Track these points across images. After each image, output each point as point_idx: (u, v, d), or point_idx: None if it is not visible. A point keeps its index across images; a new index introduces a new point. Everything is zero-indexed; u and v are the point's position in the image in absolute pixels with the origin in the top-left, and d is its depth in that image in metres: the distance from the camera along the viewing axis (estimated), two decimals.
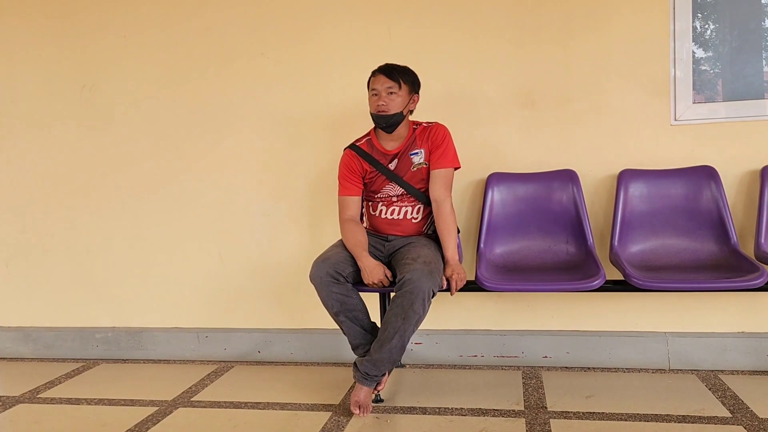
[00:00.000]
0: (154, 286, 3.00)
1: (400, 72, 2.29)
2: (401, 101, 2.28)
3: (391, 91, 2.26)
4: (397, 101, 2.27)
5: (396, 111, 2.28)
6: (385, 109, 2.27)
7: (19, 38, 3.04)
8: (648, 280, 2.15)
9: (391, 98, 2.26)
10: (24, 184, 3.08)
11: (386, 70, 2.30)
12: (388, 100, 2.26)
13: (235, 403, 2.39)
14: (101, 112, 3.00)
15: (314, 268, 2.21)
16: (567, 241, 2.51)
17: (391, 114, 2.27)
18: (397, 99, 2.27)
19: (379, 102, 2.27)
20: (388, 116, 2.28)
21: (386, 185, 2.36)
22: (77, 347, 3.06)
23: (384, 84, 2.27)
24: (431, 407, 2.28)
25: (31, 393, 2.60)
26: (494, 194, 2.60)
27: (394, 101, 2.27)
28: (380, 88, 2.27)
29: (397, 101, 2.27)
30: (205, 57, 2.88)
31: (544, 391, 2.38)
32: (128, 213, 3.00)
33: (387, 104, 2.26)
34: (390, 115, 2.27)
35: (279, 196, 2.87)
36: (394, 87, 2.27)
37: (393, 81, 2.27)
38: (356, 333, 2.27)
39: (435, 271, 2.13)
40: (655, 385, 2.40)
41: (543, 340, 2.67)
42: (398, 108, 2.28)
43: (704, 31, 2.58)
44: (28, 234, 3.09)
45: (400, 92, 2.27)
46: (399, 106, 2.28)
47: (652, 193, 2.50)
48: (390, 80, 2.27)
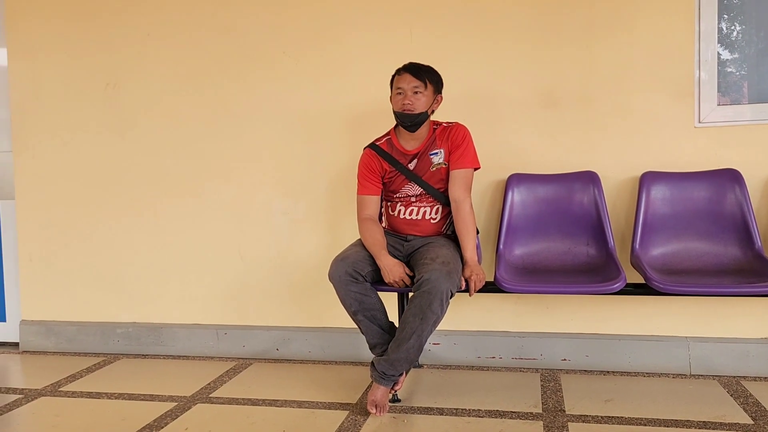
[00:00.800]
0: (174, 283, 3.03)
1: (426, 71, 2.29)
2: (426, 101, 2.27)
3: (417, 90, 2.26)
4: (423, 101, 2.26)
5: (421, 110, 2.27)
6: (411, 108, 2.26)
7: (44, 37, 3.08)
8: (670, 284, 2.13)
9: (417, 97, 2.26)
10: (48, 180, 3.13)
11: (413, 69, 2.28)
12: (413, 99, 2.25)
13: (252, 400, 2.41)
14: (124, 109, 3.03)
15: (333, 266, 2.22)
16: (587, 243, 2.49)
17: (416, 113, 2.27)
18: (423, 98, 2.26)
19: (404, 101, 2.26)
20: (413, 115, 2.27)
21: (405, 185, 2.36)
22: (98, 342, 3.10)
23: (410, 83, 2.26)
24: (448, 408, 2.27)
25: (53, 386, 2.64)
26: (514, 195, 2.59)
27: (420, 101, 2.26)
28: (406, 87, 2.26)
29: (423, 101, 2.26)
30: (227, 55, 2.90)
31: (562, 394, 2.36)
32: (149, 209, 3.03)
33: (413, 103, 2.25)
34: (415, 114, 2.27)
35: (299, 195, 2.88)
36: (420, 86, 2.26)
37: (419, 80, 2.26)
38: (374, 332, 2.28)
39: (453, 272, 2.12)
40: (675, 391, 2.37)
41: (562, 343, 2.65)
42: (423, 107, 2.27)
43: (730, 33, 2.55)
44: (52, 230, 3.14)
45: (426, 92, 2.27)
46: (424, 105, 2.27)
47: (674, 195, 2.47)
48: (416, 79, 2.26)
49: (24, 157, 3.15)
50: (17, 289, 3.23)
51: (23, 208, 3.16)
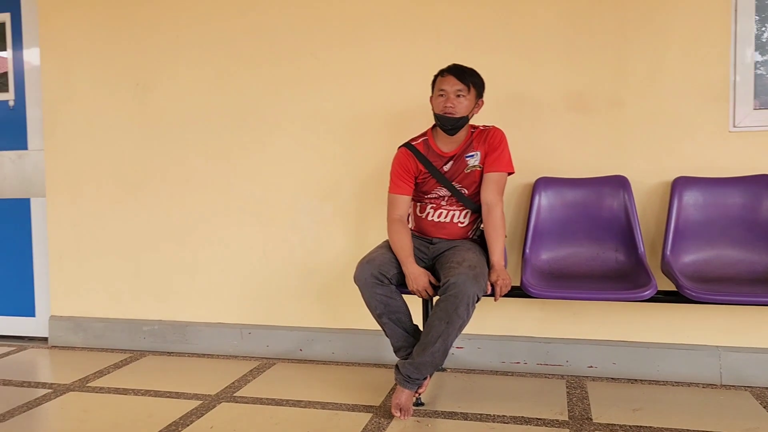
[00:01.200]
0: (199, 282, 3.06)
1: (470, 75, 2.26)
2: (468, 105, 2.25)
3: (460, 93, 2.23)
4: (465, 104, 2.24)
5: (462, 114, 2.25)
6: (452, 111, 2.24)
7: (75, 37, 3.13)
8: (702, 292, 2.08)
9: (459, 101, 2.23)
10: (77, 178, 3.18)
11: (457, 71, 2.26)
12: (455, 103, 2.23)
13: (276, 400, 2.42)
14: (153, 109, 3.07)
15: (359, 269, 2.22)
16: (616, 249, 2.45)
17: (458, 117, 2.25)
18: (465, 102, 2.24)
19: (446, 104, 2.24)
20: (455, 119, 2.25)
21: (437, 187, 2.34)
22: (125, 338, 3.14)
23: (454, 86, 2.24)
24: (472, 413, 2.25)
25: (81, 381, 2.68)
26: (541, 199, 2.56)
27: (462, 104, 2.24)
28: (449, 90, 2.24)
29: (465, 104, 2.24)
30: (256, 56, 2.91)
31: (589, 402, 2.33)
32: (176, 209, 3.06)
33: (454, 107, 2.23)
34: (456, 118, 2.25)
35: (325, 196, 2.88)
36: (464, 90, 2.24)
37: (463, 84, 2.24)
38: (399, 335, 2.27)
39: (480, 276, 2.10)
40: (705, 401, 2.32)
41: (588, 350, 2.61)
42: (465, 111, 2.25)
43: (760, 34, 2.48)
44: (81, 227, 3.19)
45: (469, 95, 2.25)
46: (466, 109, 2.25)
47: (707, 201, 2.42)
48: (460, 83, 2.24)
49: (55, 155, 3.20)
50: (47, 285, 3.29)
51: (54, 205, 3.22)
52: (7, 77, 3.29)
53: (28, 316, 3.34)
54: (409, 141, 2.40)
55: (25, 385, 2.65)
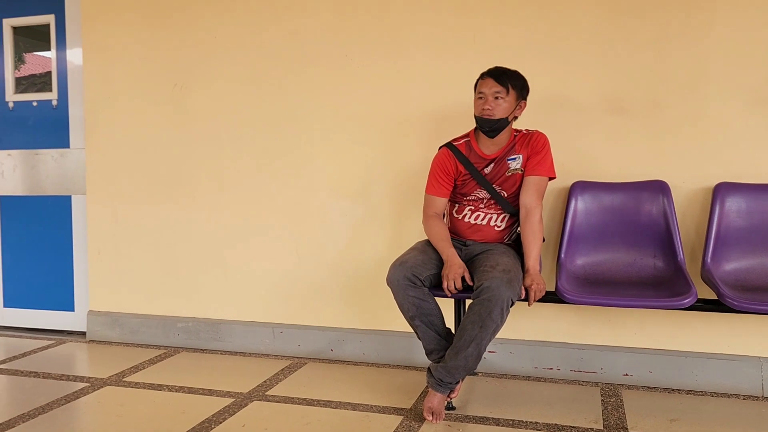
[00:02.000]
0: (232, 280, 3.09)
1: (509, 77, 2.25)
2: (507, 107, 2.24)
3: (498, 96, 2.23)
4: (503, 106, 2.23)
5: (501, 116, 2.24)
6: (491, 113, 2.23)
7: (117, 38, 3.20)
8: (744, 301, 2.03)
9: (498, 103, 2.23)
10: (117, 175, 3.25)
11: (495, 73, 2.25)
12: (494, 105, 2.22)
13: (307, 400, 2.43)
14: (190, 110, 3.11)
15: (391, 271, 2.21)
16: (655, 256, 2.40)
17: (496, 119, 2.24)
18: (504, 104, 2.23)
19: (485, 106, 2.23)
20: (493, 121, 2.24)
21: (477, 189, 2.33)
22: (160, 334, 3.19)
23: (492, 88, 2.23)
24: (504, 419, 2.23)
25: (117, 376, 2.73)
26: (578, 203, 2.52)
27: (500, 106, 2.23)
28: (487, 92, 2.24)
29: (503, 106, 2.23)
30: (290, 58, 2.94)
31: (624, 411, 2.28)
32: (211, 208, 3.10)
33: (492, 108, 2.23)
34: (494, 120, 2.24)
35: (357, 197, 2.89)
36: (502, 92, 2.23)
37: (501, 86, 2.23)
38: (431, 338, 2.25)
39: (514, 280, 2.08)
40: (746, 413, 2.26)
41: (624, 357, 2.56)
42: (504, 113, 2.24)
43: None
44: (119, 225, 3.25)
45: (507, 97, 2.23)
46: (505, 111, 2.24)
47: (751, 208, 2.35)
48: (498, 85, 2.23)
49: (95, 153, 3.27)
50: (86, 281, 3.36)
51: (93, 203, 3.29)
52: (51, 77, 3.37)
53: (68, 311, 3.42)
54: (450, 141, 2.39)
55: (64, 378, 2.71)
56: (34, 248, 3.45)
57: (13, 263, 3.49)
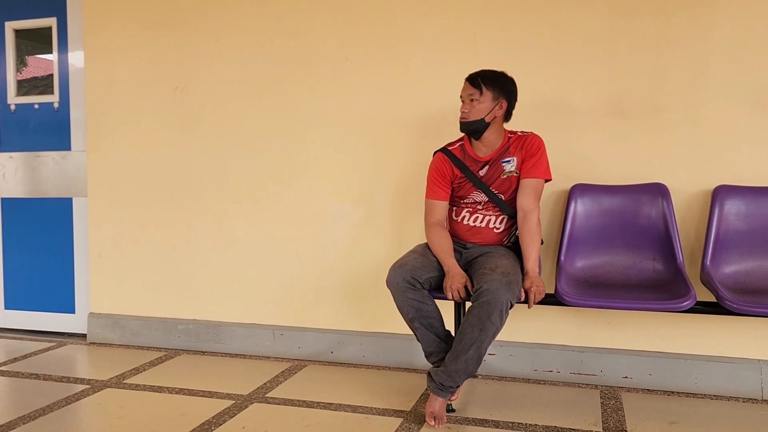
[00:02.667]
0: (233, 282, 3.10)
1: (484, 78, 2.28)
2: (483, 108, 2.26)
3: (472, 98, 2.27)
4: (478, 108, 2.26)
5: (476, 118, 2.26)
6: (465, 116, 2.28)
7: (118, 41, 3.21)
8: (744, 304, 2.03)
9: (472, 105, 2.27)
10: (118, 178, 3.25)
11: (471, 76, 2.30)
12: (468, 107, 2.27)
13: (308, 402, 2.43)
14: (191, 112, 3.12)
15: (391, 273, 2.22)
16: (654, 258, 2.40)
17: (471, 121, 2.27)
18: (478, 105, 2.26)
19: (462, 109, 2.29)
20: (467, 123, 2.28)
21: (474, 191, 2.34)
22: (161, 336, 3.20)
23: (467, 91, 2.29)
24: (504, 421, 2.23)
25: (117, 378, 2.74)
26: (577, 206, 2.52)
27: (475, 108, 2.26)
28: (464, 96, 2.30)
29: (478, 108, 2.26)
30: (291, 61, 2.94)
31: (623, 413, 2.29)
32: (213, 210, 3.11)
33: (467, 111, 2.27)
34: (470, 122, 2.27)
35: (358, 200, 2.89)
36: (475, 94, 2.26)
37: (475, 88, 2.27)
38: (430, 340, 2.26)
39: (513, 283, 2.09)
40: (746, 416, 2.26)
41: (623, 360, 2.56)
42: (479, 115, 2.26)
43: None
44: (120, 226, 3.26)
45: (482, 98, 2.26)
46: (480, 112, 2.26)
47: (750, 211, 2.36)
48: (472, 87, 2.28)
49: (97, 156, 3.28)
50: (87, 283, 3.37)
51: (94, 205, 3.30)
52: (53, 80, 3.38)
53: (68, 313, 3.43)
54: (445, 146, 2.41)
55: (64, 380, 2.71)
56: (35, 250, 3.46)
57: (15, 265, 3.50)
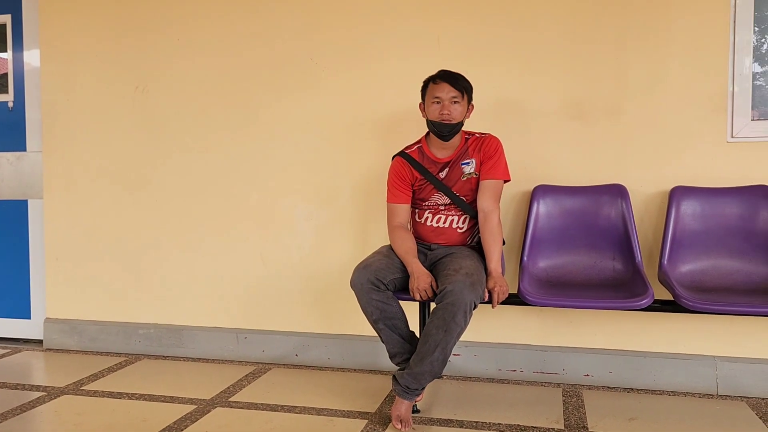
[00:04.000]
0: (196, 285, 3.05)
1: (462, 80, 2.29)
2: (462, 110, 2.28)
3: (456, 100, 2.25)
4: (459, 110, 2.26)
5: (458, 120, 2.27)
6: (449, 118, 2.25)
7: (76, 39, 3.13)
8: (699, 302, 2.08)
9: (455, 107, 2.25)
10: (76, 180, 3.17)
11: (450, 78, 2.27)
12: (452, 109, 2.25)
13: (271, 406, 2.41)
14: (153, 113, 3.07)
15: (355, 274, 2.21)
16: (614, 258, 2.45)
17: (455, 123, 2.27)
18: (459, 108, 2.26)
19: (443, 111, 2.25)
20: (452, 125, 2.26)
21: (435, 194, 2.35)
22: (120, 342, 3.13)
23: (449, 93, 2.25)
24: (468, 420, 2.25)
25: (75, 384, 2.66)
26: (540, 207, 2.56)
27: (457, 110, 2.26)
28: (444, 97, 2.26)
29: (459, 110, 2.26)
30: (255, 61, 2.92)
31: (584, 411, 2.32)
32: (174, 212, 3.06)
33: (451, 113, 2.25)
34: (453, 124, 2.26)
35: (323, 201, 2.88)
36: (458, 96, 2.26)
37: (458, 90, 2.26)
38: (394, 341, 2.26)
39: (477, 283, 2.10)
40: (701, 411, 2.32)
41: (585, 358, 2.60)
42: (460, 117, 2.27)
43: (761, 46, 2.49)
44: (78, 230, 3.18)
45: (462, 101, 2.27)
46: (461, 115, 2.28)
47: (705, 211, 2.42)
48: (455, 90, 2.26)
49: (53, 157, 3.19)
50: (43, 288, 3.28)
51: (51, 207, 3.21)
52: (7, 78, 3.29)
53: (24, 318, 3.33)
54: (403, 150, 2.41)
55: (19, 387, 2.63)
56: None
57: None
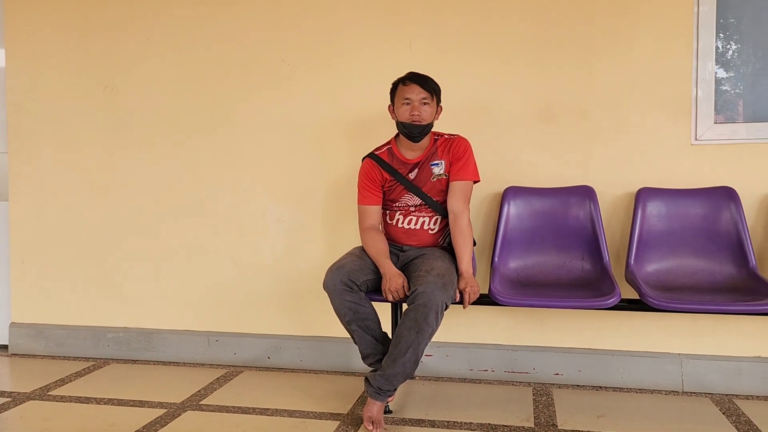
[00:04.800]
0: (166, 288, 3.02)
1: (431, 82, 2.31)
2: (431, 111, 2.30)
3: (425, 101, 2.27)
4: (429, 111, 2.29)
5: (429, 121, 2.29)
6: (420, 119, 2.27)
7: (42, 38, 3.08)
8: (664, 301, 2.13)
9: (425, 108, 2.27)
10: (42, 182, 3.12)
11: (420, 79, 2.29)
12: (422, 111, 2.27)
13: (243, 408, 2.39)
14: (122, 113, 3.03)
15: (328, 275, 2.21)
16: (582, 258, 2.49)
17: (425, 124, 2.28)
18: (429, 109, 2.28)
19: (413, 112, 2.27)
20: (422, 126, 2.28)
21: (405, 195, 2.36)
22: (89, 346, 3.07)
23: (419, 94, 2.27)
24: (440, 420, 2.26)
25: (41, 390, 2.61)
26: (510, 208, 2.59)
27: (427, 111, 2.28)
28: (414, 98, 2.27)
29: (429, 111, 2.29)
30: (226, 62, 2.90)
31: (554, 409, 2.36)
32: (144, 214, 3.02)
33: (421, 114, 2.27)
34: (424, 125, 2.28)
35: (295, 203, 2.87)
36: (428, 98, 2.28)
37: (427, 92, 2.28)
38: (367, 342, 2.26)
39: (448, 284, 2.12)
40: (667, 407, 2.37)
41: (555, 357, 2.64)
42: (430, 118, 2.29)
43: (725, 52, 2.57)
44: (44, 232, 3.12)
45: (432, 102, 2.29)
46: (431, 116, 2.30)
47: (670, 212, 2.48)
48: (425, 91, 2.28)
49: (19, 159, 3.13)
50: (8, 291, 3.20)
51: (16, 210, 3.14)
52: None
53: None
54: (372, 151, 2.43)
55: None
56: None
57: None
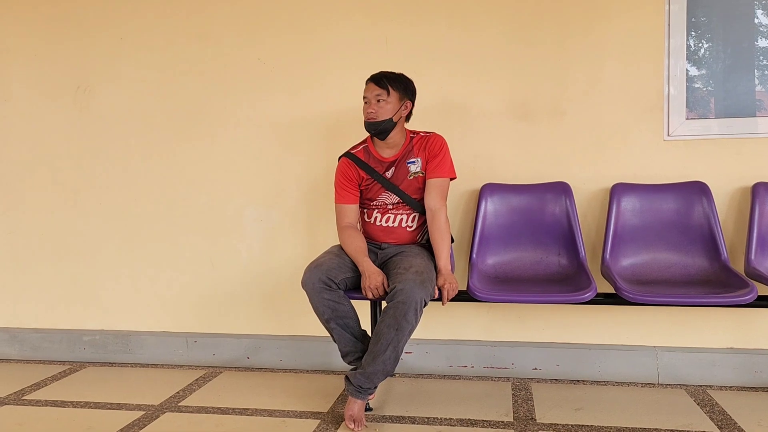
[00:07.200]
0: (143, 290, 2.98)
1: (389, 79, 2.31)
2: (391, 108, 2.30)
3: (380, 98, 2.29)
4: (387, 108, 2.29)
5: (384, 118, 2.30)
6: (374, 116, 2.29)
7: (14, 38, 3.03)
8: (638, 294, 2.16)
9: (380, 105, 2.29)
10: (13, 184, 3.06)
11: (375, 78, 2.33)
12: (376, 108, 2.29)
13: (222, 409, 2.38)
14: (94, 113, 2.99)
15: (306, 274, 2.21)
16: (559, 253, 2.52)
17: (379, 121, 2.29)
18: (387, 106, 2.29)
19: (368, 109, 2.30)
20: (377, 123, 2.30)
21: (382, 193, 2.37)
22: (64, 349, 3.03)
23: (373, 92, 2.30)
24: (420, 417, 2.27)
25: (16, 395, 2.57)
26: (487, 205, 2.61)
27: (383, 108, 2.29)
28: (370, 96, 2.31)
29: (387, 108, 2.29)
30: (201, 61, 2.88)
31: (533, 403, 2.38)
32: (119, 215, 2.98)
33: (375, 111, 2.29)
34: (378, 122, 2.29)
35: (272, 202, 2.86)
36: (383, 94, 2.29)
37: (381, 88, 2.30)
38: (347, 340, 2.26)
39: (427, 281, 2.13)
40: (643, 399, 2.40)
41: (533, 352, 2.67)
42: (387, 115, 2.30)
43: (698, 50, 2.61)
44: (17, 234, 3.07)
45: (389, 99, 2.30)
46: (388, 112, 2.30)
47: (644, 207, 2.52)
48: (379, 87, 2.30)
49: None
50: None
51: None
52: None
53: None
54: (349, 150, 2.43)
55: None
56: None
57: None
